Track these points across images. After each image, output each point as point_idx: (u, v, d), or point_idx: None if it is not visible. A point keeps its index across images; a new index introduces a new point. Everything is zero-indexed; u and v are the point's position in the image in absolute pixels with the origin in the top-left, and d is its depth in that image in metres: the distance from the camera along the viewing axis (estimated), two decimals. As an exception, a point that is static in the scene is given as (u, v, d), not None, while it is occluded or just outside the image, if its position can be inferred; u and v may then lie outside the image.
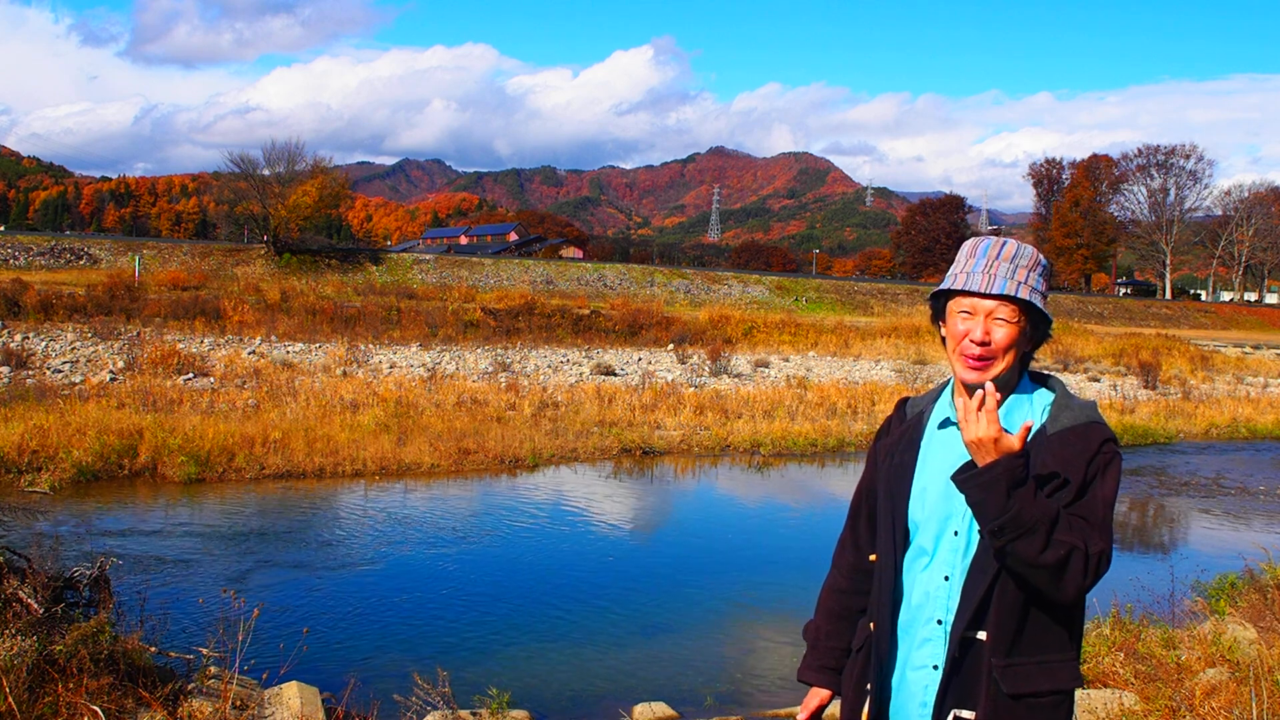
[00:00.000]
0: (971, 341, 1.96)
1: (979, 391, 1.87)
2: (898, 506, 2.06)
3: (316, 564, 8.34)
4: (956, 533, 1.99)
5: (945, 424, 2.08)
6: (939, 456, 2.05)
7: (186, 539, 8.81)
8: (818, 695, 2.22)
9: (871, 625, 2.10)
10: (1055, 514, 1.82)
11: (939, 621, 1.98)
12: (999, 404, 1.93)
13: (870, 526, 2.20)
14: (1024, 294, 1.94)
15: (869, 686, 2.07)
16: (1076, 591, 1.84)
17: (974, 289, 1.96)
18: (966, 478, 1.86)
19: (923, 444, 2.10)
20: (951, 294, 2.02)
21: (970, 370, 1.98)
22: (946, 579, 1.98)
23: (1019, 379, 2.04)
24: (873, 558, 2.14)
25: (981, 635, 1.92)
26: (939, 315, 2.09)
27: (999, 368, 1.97)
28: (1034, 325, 2.00)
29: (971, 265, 1.99)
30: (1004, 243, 2.00)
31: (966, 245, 2.05)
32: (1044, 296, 2.00)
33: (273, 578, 7.88)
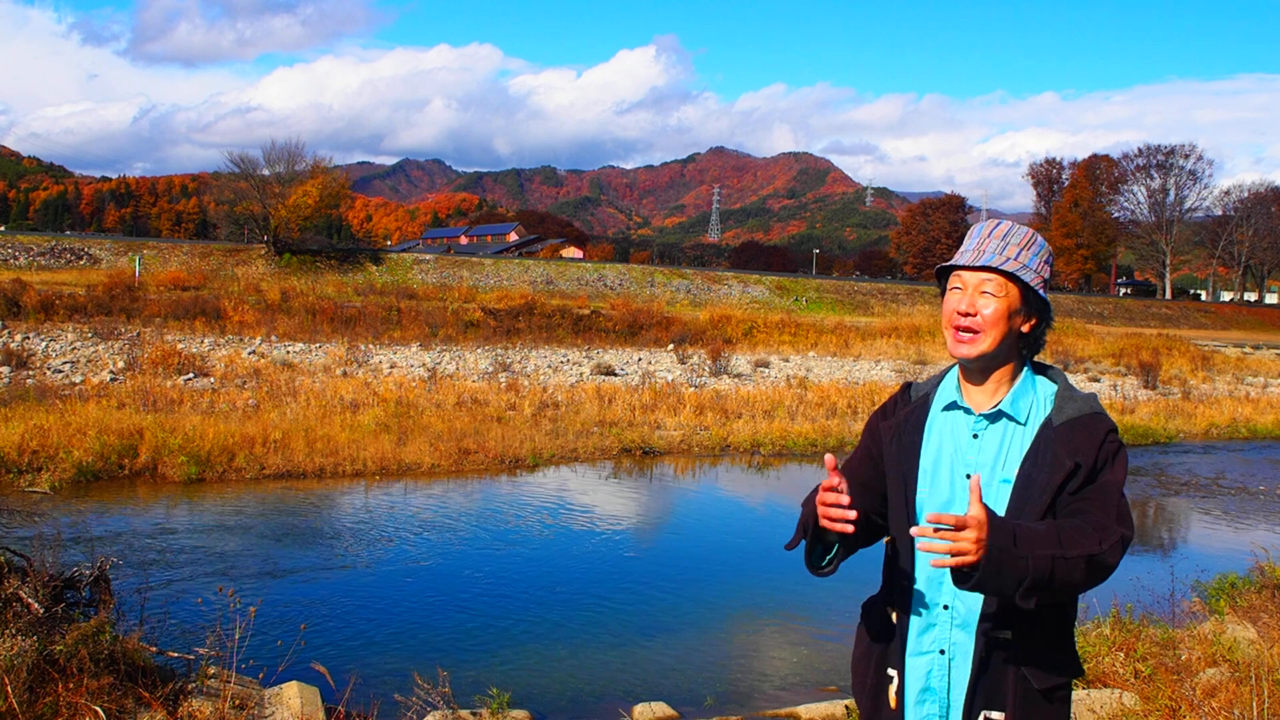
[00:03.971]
0: (957, 313, 2.01)
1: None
2: (908, 487, 2.08)
3: (317, 564, 8.34)
4: None
5: (951, 406, 2.10)
6: (943, 437, 2.08)
7: (186, 539, 8.81)
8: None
9: (890, 610, 2.11)
10: (1057, 536, 1.82)
11: (945, 607, 1.99)
12: (995, 388, 2.03)
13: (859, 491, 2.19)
14: (1010, 268, 1.98)
15: (890, 671, 2.07)
16: (1108, 576, 1.88)
17: (963, 264, 2.03)
18: (977, 580, 1.76)
19: (927, 425, 2.12)
20: (950, 275, 2.10)
21: (959, 344, 2.02)
22: None
23: (1021, 366, 2.06)
24: (886, 540, 2.17)
25: (1007, 634, 1.93)
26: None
27: (986, 343, 1.99)
28: (1028, 305, 2.02)
29: (966, 245, 2.07)
30: (997, 223, 2.07)
31: (970, 230, 2.13)
32: (1044, 281, 2.02)
33: (273, 577, 7.88)
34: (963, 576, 1.78)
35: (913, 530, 1.81)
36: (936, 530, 1.75)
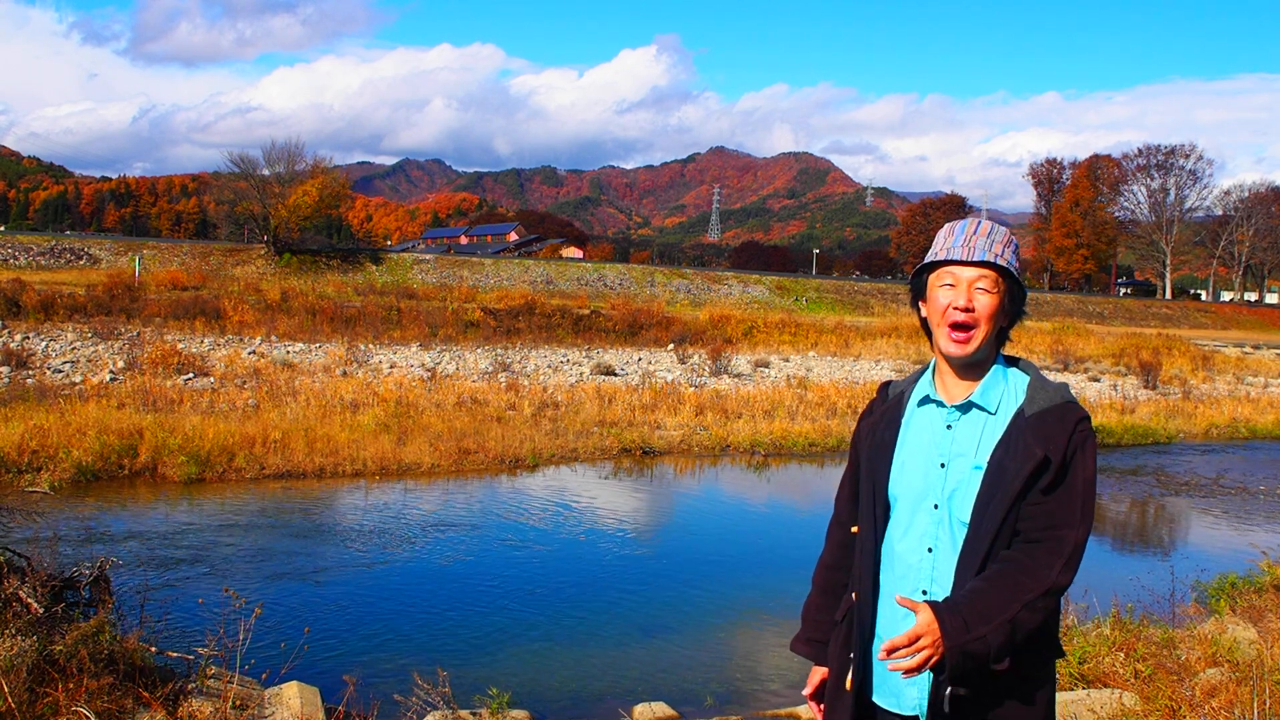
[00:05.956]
0: (955, 309, 2.04)
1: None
2: (878, 481, 2.13)
3: (317, 564, 8.34)
4: (936, 506, 2.05)
5: (925, 401, 2.16)
6: (918, 432, 2.13)
7: (186, 539, 8.80)
8: (818, 673, 2.28)
9: (854, 596, 2.16)
10: (1012, 586, 1.89)
11: (924, 592, 2.05)
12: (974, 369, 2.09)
13: (855, 504, 2.26)
14: (1002, 263, 2.04)
15: (851, 655, 2.13)
16: (1068, 586, 1.97)
17: (955, 259, 2.06)
18: (949, 674, 1.89)
19: (903, 421, 2.18)
20: (933, 269, 2.12)
21: (953, 343, 2.06)
22: (930, 551, 2.05)
23: (994, 356, 2.11)
24: (854, 529, 2.21)
25: None
26: (919, 297, 2.19)
27: (979, 338, 2.05)
28: (1011, 299, 2.08)
29: (951, 242, 2.10)
30: (979, 221, 2.12)
31: (944, 228, 2.16)
32: (1018, 271, 2.09)
33: (273, 578, 7.88)
34: (938, 672, 1.91)
35: (879, 656, 1.94)
36: (893, 653, 1.88)
